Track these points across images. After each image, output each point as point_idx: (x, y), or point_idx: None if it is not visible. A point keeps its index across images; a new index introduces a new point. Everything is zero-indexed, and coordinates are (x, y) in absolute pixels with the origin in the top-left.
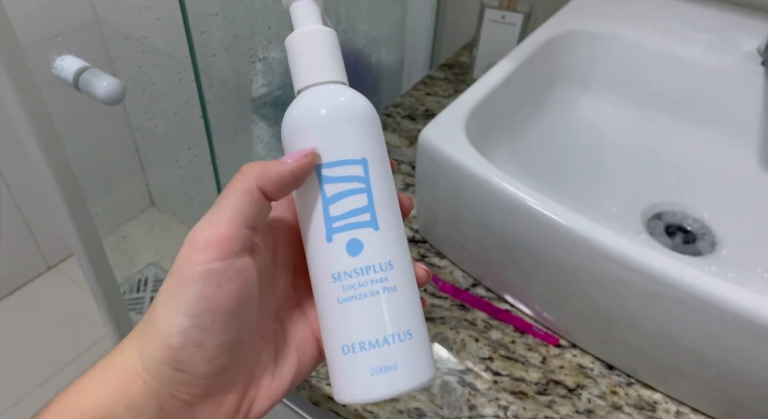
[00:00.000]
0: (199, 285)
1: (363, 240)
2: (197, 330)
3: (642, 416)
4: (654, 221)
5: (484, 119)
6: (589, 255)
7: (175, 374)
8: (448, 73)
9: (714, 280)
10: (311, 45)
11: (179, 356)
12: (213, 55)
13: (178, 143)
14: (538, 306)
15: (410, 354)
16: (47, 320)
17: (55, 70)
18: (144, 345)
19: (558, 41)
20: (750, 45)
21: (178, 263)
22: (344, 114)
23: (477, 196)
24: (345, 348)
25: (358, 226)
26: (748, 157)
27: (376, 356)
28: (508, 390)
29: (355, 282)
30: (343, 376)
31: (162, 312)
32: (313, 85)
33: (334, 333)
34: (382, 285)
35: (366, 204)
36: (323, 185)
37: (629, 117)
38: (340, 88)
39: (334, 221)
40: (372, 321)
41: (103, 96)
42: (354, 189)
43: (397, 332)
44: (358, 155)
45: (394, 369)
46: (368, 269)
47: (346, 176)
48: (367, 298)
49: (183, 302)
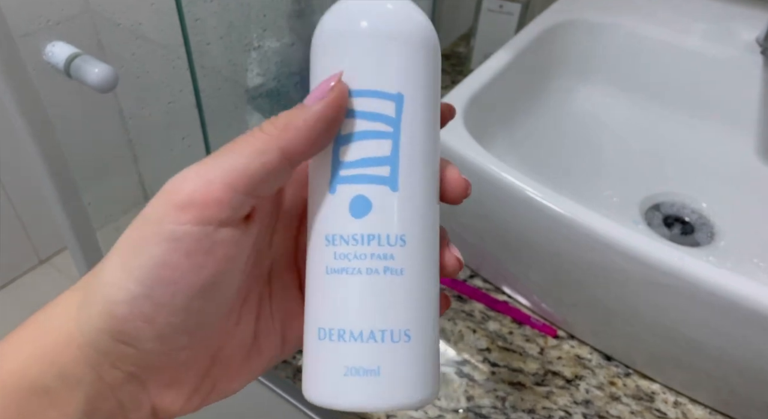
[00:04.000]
0: (163, 248)
1: (373, 200)
2: (148, 302)
3: (640, 406)
4: (652, 212)
5: (482, 109)
6: (588, 245)
7: (117, 346)
8: (445, 63)
9: (713, 269)
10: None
11: (122, 327)
12: (207, 44)
13: (172, 132)
14: (536, 297)
15: (401, 362)
16: None
17: (46, 57)
18: (84, 307)
19: (556, 31)
20: (749, 35)
21: (146, 214)
22: (388, 30)
23: (475, 186)
24: (321, 332)
25: (370, 180)
26: (747, 147)
27: (355, 352)
28: (506, 381)
29: (351, 251)
30: (313, 367)
31: (110, 272)
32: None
33: (314, 309)
34: (384, 264)
35: (388, 154)
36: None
37: (628, 107)
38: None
39: (342, 168)
40: (360, 305)
41: (95, 83)
42: (376, 131)
43: (390, 328)
44: (393, 88)
45: (375, 374)
46: (371, 238)
47: (370, 112)
48: (361, 275)
49: (138, 264)
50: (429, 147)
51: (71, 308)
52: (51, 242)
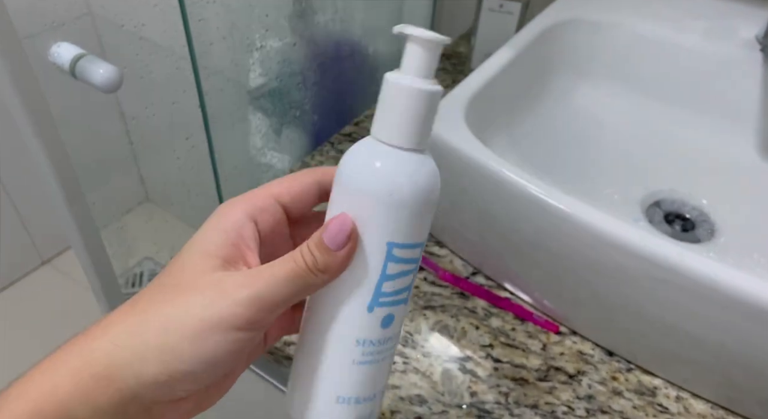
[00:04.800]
0: (194, 347)
1: (396, 315)
2: (166, 387)
3: (642, 401)
4: (653, 208)
5: (483, 108)
6: (589, 242)
7: (135, 399)
8: (445, 63)
9: (713, 264)
10: (418, 104)
11: (136, 400)
12: (210, 44)
13: (175, 133)
14: (538, 294)
15: (377, 406)
16: (41, 315)
17: (51, 58)
18: (101, 379)
19: (556, 30)
20: (748, 32)
21: (191, 283)
22: (424, 196)
23: (477, 183)
24: (341, 399)
25: (398, 302)
26: (747, 144)
27: (362, 409)
28: (508, 376)
29: (376, 350)
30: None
31: (147, 349)
32: (403, 148)
33: (337, 385)
34: (390, 352)
35: (409, 284)
36: (387, 263)
37: (628, 105)
38: (420, 166)
39: (381, 296)
40: (375, 380)
41: (100, 83)
42: (409, 270)
43: (380, 390)
44: (423, 239)
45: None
46: (389, 340)
47: (408, 258)
48: (379, 363)
49: (172, 355)
50: None
51: (101, 353)
52: (53, 243)
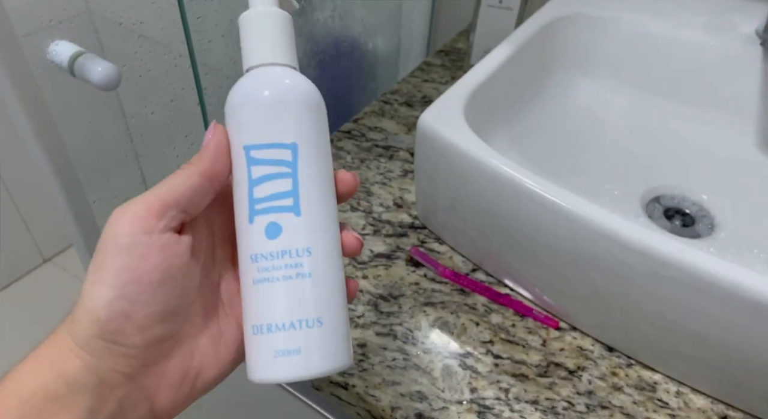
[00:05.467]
0: (123, 256)
1: (282, 224)
2: (124, 301)
3: (642, 396)
4: (653, 204)
5: (483, 104)
6: (589, 237)
7: (109, 346)
8: (445, 59)
9: (713, 260)
10: (263, 25)
11: (109, 327)
12: (209, 41)
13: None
14: (538, 290)
15: (317, 341)
16: (44, 313)
17: (49, 56)
18: (74, 324)
19: (556, 25)
20: (749, 27)
21: (103, 237)
22: (283, 96)
23: (477, 180)
24: (254, 328)
25: (278, 210)
26: (747, 139)
27: (281, 339)
28: (509, 372)
29: (270, 265)
30: (251, 355)
31: (89, 287)
32: (259, 65)
33: (248, 312)
34: (295, 271)
35: (290, 189)
36: (250, 166)
37: (628, 101)
38: (286, 71)
39: (256, 203)
40: (281, 304)
41: (98, 81)
42: (279, 173)
43: (305, 318)
44: (288, 139)
45: (297, 353)
46: (283, 253)
47: (272, 160)
48: (279, 282)
49: (108, 274)
50: (323, 180)
51: (63, 332)
52: (54, 241)
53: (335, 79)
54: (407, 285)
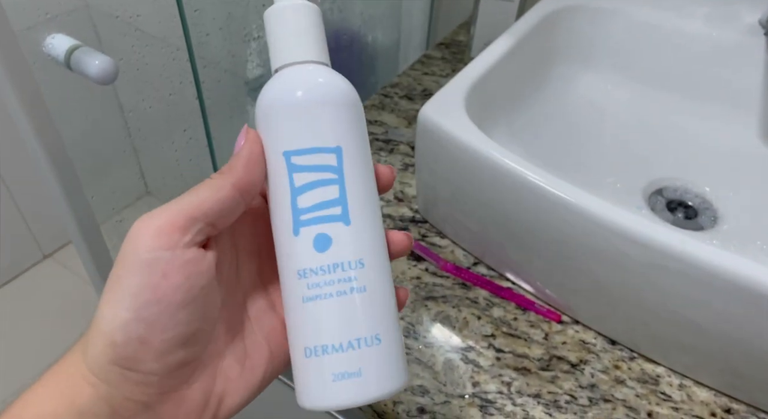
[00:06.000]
0: (142, 274)
1: (332, 235)
2: (141, 324)
3: (645, 389)
4: (655, 197)
5: (483, 97)
6: (592, 230)
7: (124, 373)
8: (445, 52)
9: (716, 251)
10: (292, 21)
11: (125, 353)
12: (207, 35)
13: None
14: (539, 283)
15: (376, 361)
16: (44, 309)
17: (45, 49)
18: (89, 347)
19: (557, 17)
20: (752, 17)
21: (123, 252)
22: (320, 97)
23: (478, 173)
24: (307, 351)
25: (327, 220)
26: (750, 130)
27: (339, 361)
28: (511, 366)
29: (321, 281)
30: (304, 380)
31: (104, 308)
32: (291, 64)
33: (297, 333)
34: (350, 285)
35: (337, 197)
36: (291, 174)
37: (630, 93)
38: (319, 69)
39: (301, 214)
40: (337, 323)
41: (95, 75)
42: (325, 180)
43: (364, 336)
44: (332, 143)
45: (358, 375)
46: (336, 267)
47: (317, 165)
48: (333, 298)
49: (124, 293)
50: (369, 183)
51: (77, 355)
52: (54, 237)
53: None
54: (409, 279)
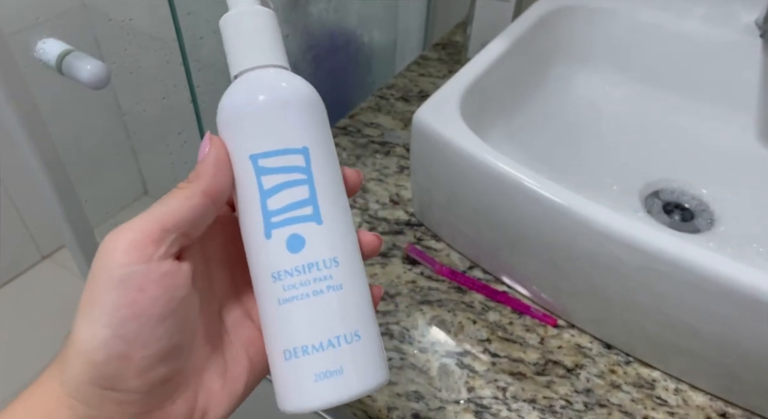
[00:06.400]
0: (118, 291)
1: (305, 236)
2: (120, 341)
3: (641, 394)
4: (652, 199)
5: (480, 98)
6: (587, 235)
7: (104, 393)
8: (441, 52)
9: (711, 255)
10: (249, 26)
11: (105, 372)
12: (201, 38)
13: (168, 127)
14: (535, 287)
15: (357, 358)
16: (43, 310)
17: (36, 54)
18: (66, 368)
19: (553, 17)
20: (748, 17)
21: (95, 268)
22: (283, 99)
23: (473, 177)
24: (287, 353)
25: (299, 220)
26: (747, 132)
27: (321, 360)
28: (506, 371)
29: (297, 281)
30: (285, 383)
31: (80, 327)
32: (251, 69)
33: (276, 336)
34: (326, 284)
35: (308, 197)
36: (260, 177)
37: (627, 93)
38: (280, 73)
39: (272, 216)
40: (315, 322)
41: (87, 80)
42: (294, 180)
43: (344, 334)
44: (299, 144)
45: (340, 373)
46: (311, 266)
47: (285, 167)
48: (310, 298)
49: (101, 311)
50: (337, 182)
51: (53, 376)
52: (52, 238)
53: (330, 74)
54: (403, 284)
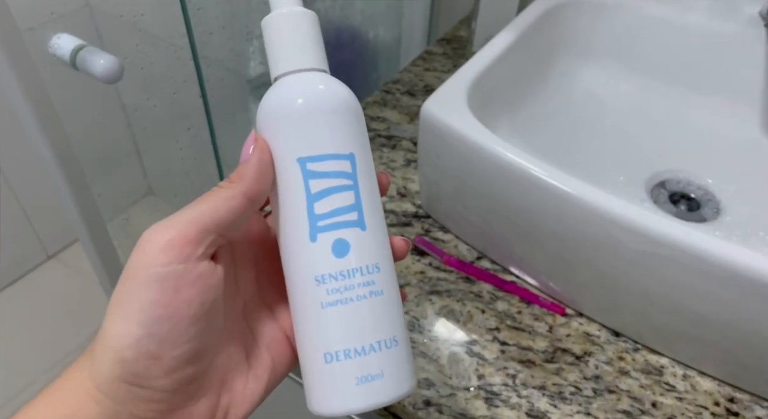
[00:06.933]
0: (154, 289)
1: (350, 241)
2: (152, 340)
3: (649, 380)
4: (658, 189)
5: (486, 91)
6: (594, 223)
7: (132, 390)
8: (446, 47)
9: (718, 242)
10: (289, 28)
11: (134, 369)
12: (210, 34)
13: (177, 123)
14: (543, 277)
15: (395, 362)
16: (48, 309)
17: (51, 50)
18: (95, 362)
19: (557, 11)
20: (752, 8)
21: (132, 265)
22: (332, 105)
23: (481, 167)
24: (328, 356)
25: (345, 225)
26: (751, 122)
27: (362, 364)
28: (515, 359)
29: (341, 286)
30: (323, 386)
31: (112, 323)
32: (294, 71)
33: (315, 339)
34: (369, 289)
35: (353, 202)
36: (307, 180)
37: (632, 86)
38: (325, 78)
39: (319, 220)
40: (358, 327)
41: (101, 74)
42: (341, 186)
43: (384, 339)
44: (346, 150)
45: (380, 378)
46: (355, 271)
47: (333, 172)
48: (353, 303)
49: (135, 308)
50: (375, 189)
51: (83, 369)
52: (58, 237)
53: (336, 70)
54: (412, 274)
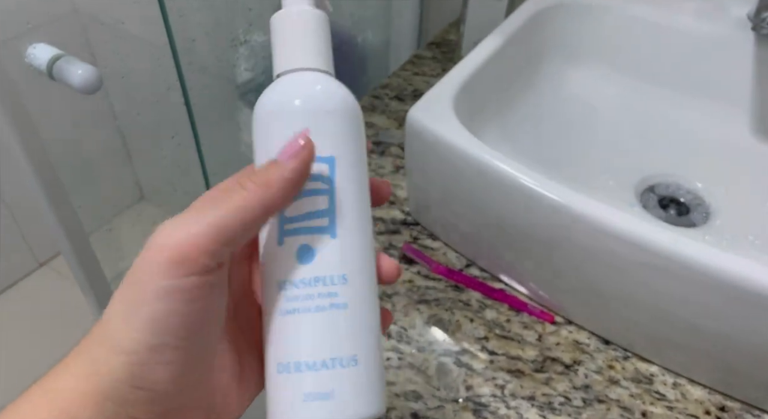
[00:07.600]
0: (170, 299)
1: (316, 247)
2: (167, 348)
3: (639, 389)
4: (647, 193)
5: (473, 96)
6: (583, 230)
7: (134, 392)
8: (435, 51)
9: (707, 249)
10: (296, 26)
11: (143, 373)
12: (193, 40)
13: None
14: (532, 284)
15: (351, 384)
16: (40, 317)
17: (27, 60)
18: (96, 363)
19: (545, 14)
20: (740, 11)
21: (142, 269)
22: (318, 106)
23: (468, 175)
24: (280, 366)
25: (312, 231)
26: (740, 125)
27: (312, 380)
28: (504, 369)
29: (301, 294)
30: (275, 397)
31: (122, 327)
32: (291, 71)
33: (272, 347)
34: (329, 301)
35: (326, 207)
36: None
37: (620, 89)
38: (319, 77)
39: (287, 223)
40: (312, 339)
41: (78, 85)
42: (314, 189)
43: (340, 356)
44: (325, 153)
45: (329, 398)
46: (317, 280)
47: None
48: (311, 313)
49: (148, 317)
50: (361, 197)
51: (79, 368)
52: (49, 245)
53: None
54: (400, 283)
